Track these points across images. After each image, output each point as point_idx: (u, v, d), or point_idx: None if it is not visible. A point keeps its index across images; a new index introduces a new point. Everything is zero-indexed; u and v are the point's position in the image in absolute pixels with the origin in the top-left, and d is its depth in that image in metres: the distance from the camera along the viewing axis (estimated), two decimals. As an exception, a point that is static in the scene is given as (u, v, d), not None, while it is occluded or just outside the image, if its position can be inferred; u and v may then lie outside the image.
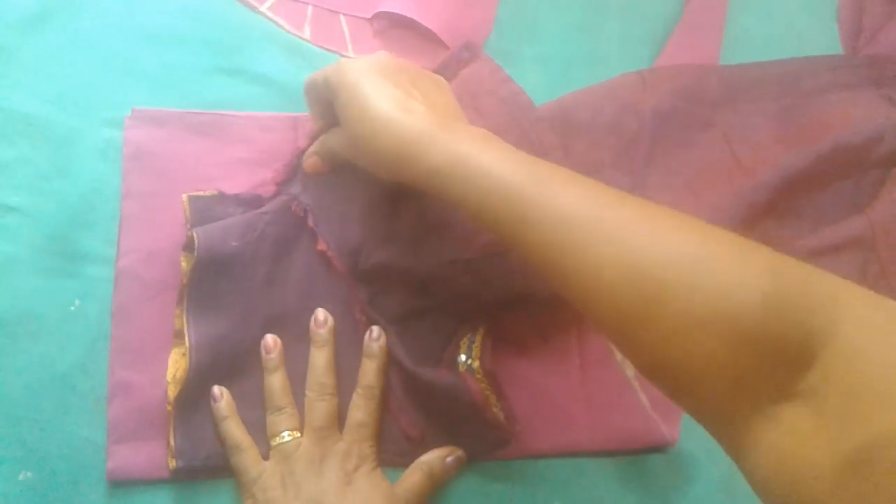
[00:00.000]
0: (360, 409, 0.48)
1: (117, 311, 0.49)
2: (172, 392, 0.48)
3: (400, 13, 0.55)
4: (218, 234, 0.50)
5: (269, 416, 0.48)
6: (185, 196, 0.51)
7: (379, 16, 0.57)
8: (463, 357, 0.49)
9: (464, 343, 0.51)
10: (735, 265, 0.35)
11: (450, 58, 0.56)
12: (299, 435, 0.47)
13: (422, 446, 0.49)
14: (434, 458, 0.48)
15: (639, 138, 0.56)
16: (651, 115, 0.56)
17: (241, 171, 0.53)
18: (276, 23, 0.56)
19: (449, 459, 0.49)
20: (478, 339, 0.50)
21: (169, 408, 0.48)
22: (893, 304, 0.33)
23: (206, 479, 0.48)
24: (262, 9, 0.56)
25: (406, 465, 0.49)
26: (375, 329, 0.49)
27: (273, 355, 0.49)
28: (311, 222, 0.52)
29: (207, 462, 0.48)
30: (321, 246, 0.51)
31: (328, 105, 0.47)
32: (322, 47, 0.57)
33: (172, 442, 0.47)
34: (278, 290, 0.51)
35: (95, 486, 0.47)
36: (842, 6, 0.64)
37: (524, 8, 0.61)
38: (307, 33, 0.57)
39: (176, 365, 0.49)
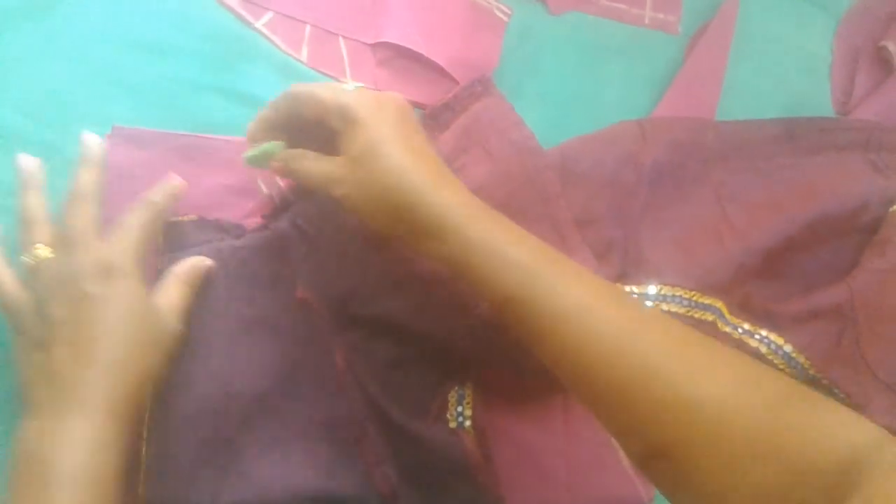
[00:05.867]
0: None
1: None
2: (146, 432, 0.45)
3: (405, 45, 0.53)
4: None
5: (22, 232, 0.43)
6: (163, 223, 0.49)
7: (382, 45, 0.54)
8: (455, 412, 0.48)
9: (452, 396, 0.50)
10: (806, 415, 0.35)
11: (462, 91, 0.54)
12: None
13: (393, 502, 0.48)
14: (184, 265, 0.46)
15: (635, 191, 0.56)
16: (650, 168, 0.56)
17: (227, 199, 0.51)
18: (271, 41, 0.53)
19: (203, 265, 0.47)
20: (468, 394, 0.49)
21: (143, 448, 0.45)
22: None
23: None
24: (258, 25, 0.53)
25: None
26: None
27: (34, 173, 0.45)
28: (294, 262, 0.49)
29: None
30: (301, 293, 0.49)
31: (315, 126, 0.44)
32: (319, 71, 0.54)
33: (142, 491, 0.45)
34: (255, 332, 0.48)
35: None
36: (835, 68, 0.65)
37: (526, 43, 0.59)
38: (304, 55, 0.54)
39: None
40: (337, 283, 0.49)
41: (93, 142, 0.46)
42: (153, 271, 0.48)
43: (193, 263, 0.47)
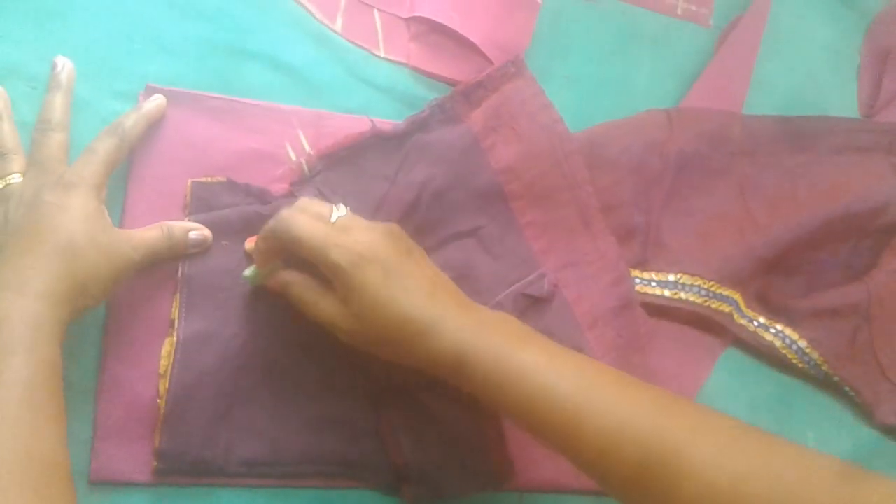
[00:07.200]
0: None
1: (113, 300, 0.47)
2: (163, 387, 0.46)
3: (441, 21, 0.53)
4: (210, 227, 0.48)
5: None
6: (189, 181, 0.49)
7: (416, 19, 0.54)
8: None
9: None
10: None
11: (495, 71, 0.54)
12: None
13: (405, 476, 0.48)
14: (178, 225, 0.47)
15: (660, 179, 0.56)
16: (675, 157, 0.56)
17: (254, 163, 0.51)
18: (307, 9, 0.53)
19: (193, 234, 0.47)
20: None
21: (160, 402, 0.45)
22: None
23: (191, 484, 0.46)
24: (294, -8, 0.53)
25: (388, 492, 0.49)
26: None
27: (4, 101, 0.46)
28: None
29: (194, 467, 0.46)
30: None
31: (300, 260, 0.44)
32: (352, 42, 0.54)
33: (157, 442, 0.45)
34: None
35: (76, 483, 0.44)
36: (863, 69, 0.65)
37: (558, 26, 0.59)
38: (339, 25, 0.54)
39: (168, 358, 0.47)
40: None
41: (63, 65, 0.46)
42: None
43: (188, 226, 0.47)
